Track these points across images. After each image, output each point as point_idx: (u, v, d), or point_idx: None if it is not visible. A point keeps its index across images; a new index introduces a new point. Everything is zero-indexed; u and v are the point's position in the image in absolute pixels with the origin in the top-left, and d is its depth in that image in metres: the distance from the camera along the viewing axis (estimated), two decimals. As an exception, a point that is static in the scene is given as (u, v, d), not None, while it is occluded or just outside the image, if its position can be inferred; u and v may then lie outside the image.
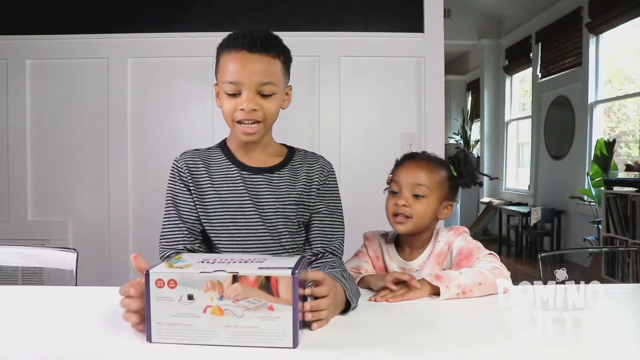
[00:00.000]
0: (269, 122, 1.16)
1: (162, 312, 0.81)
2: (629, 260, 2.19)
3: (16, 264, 1.55)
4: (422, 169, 1.26)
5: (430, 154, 1.33)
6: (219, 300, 0.80)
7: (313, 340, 0.84)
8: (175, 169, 1.20)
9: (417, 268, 1.27)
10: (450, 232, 1.28)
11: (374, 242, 1.34)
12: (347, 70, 2.45)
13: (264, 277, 0.79)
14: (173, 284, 0.80)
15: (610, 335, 0.90)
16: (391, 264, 1.31)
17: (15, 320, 0.97)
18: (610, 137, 4.75)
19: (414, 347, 0.82)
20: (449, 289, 1.08)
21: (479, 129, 7.49)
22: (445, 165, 1.30)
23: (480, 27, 6.96)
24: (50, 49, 2.47)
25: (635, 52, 4.77)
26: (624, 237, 3.83)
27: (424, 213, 1.24)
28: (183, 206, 1.17)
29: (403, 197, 1.24)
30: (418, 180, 1.24)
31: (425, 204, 1.24)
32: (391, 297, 1.06)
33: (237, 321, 0.79)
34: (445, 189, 1.27)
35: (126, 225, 2.48)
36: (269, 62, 1.12)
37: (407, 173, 1.26)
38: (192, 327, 0.80)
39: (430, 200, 1.24)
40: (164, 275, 0.81)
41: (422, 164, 1.27)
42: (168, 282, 0.80)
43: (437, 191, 1.25)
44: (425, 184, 1.24)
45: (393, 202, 1.26)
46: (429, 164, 1.28)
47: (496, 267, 1.15)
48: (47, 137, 2.50)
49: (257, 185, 1.18)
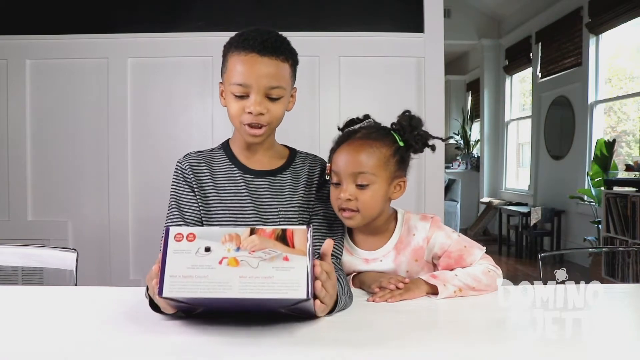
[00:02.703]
0: (274, 124, 1.16)
1: (177, 264, 0.81)
2: (629, 260, 2.19)
3: (16, 264, 1.55)
4: (360, 152, 1.10)
5: (368, 127, 1.16)
6: (236, 252, 0.82)
7: (312, 340, 0.84)
8: (179, 170, 1.20)
9: (382, 259, 1.17)
10: (425, 224, 1.17)
11: None
12: (347, 70, 2.45)
13: (280, 229, 0.83)
14: (192, 238, 0.83)
15: (610, 335, 0.90)
16: (352, 259, 1.19)
17: (15, 320, 0.97)
18: (611, 136, 4.75)
19: (413, 347, 0.82)
20: (446, 288, 1.07)
21: (479, 129, 7.49)
22: (388, 138, 1.14)
23: (480, 27, 6.96)
24: (50, 49, 2.47)
25: (635, 51, 4.77)
26: (624, 237, 3.83)
27: (372, 203, 1.11)
28: (186, 207, 1.17)
29: (345, 190, 1.10)
30: (358, 167, 1.09)
31: (370, 192, 1.10)
32: (390, 297, 1.05)
33: (252, 272, 0.80)
34: (391, 166, 1.12)
35: (126, 225, 2.48)
36: (278, 66, 1.11)
37: (346, 161, 1.11)
38: (206, 279, 0.80)
39: (376, 186, 1.11)
40: (183, 229, 0.84)
41: (360, 146, 1.11)
42: (187, 235, 0.83)
43: (382, 173, 1.11)
44: (367, 170, 1.09)
45: (336, 195, 1.12)
46: (368, 143, 1.11)
47: (490, 269, 1.13)
48: (47, 137, 2.50)
49: (259, 188, 1.18)
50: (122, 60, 2.46)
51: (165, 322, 0.93)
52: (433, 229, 1.17)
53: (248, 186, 1.17)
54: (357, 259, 1.20)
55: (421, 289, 1.08)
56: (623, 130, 5.03)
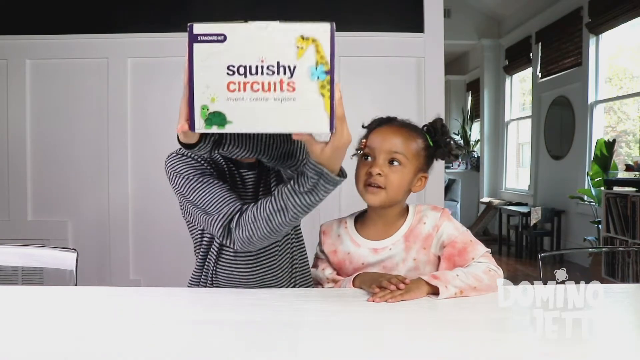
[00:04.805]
0: None
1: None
2: (629, 260, 2.19)
3: (16, 264, 1.55)
4: (399, 135, 1.15)
5: (405, 120, 1.21)
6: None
7: (312, 340, 0.84)
8: (183, 157, 1.16)
9: (391, 247, 1.18)
10: (436, 213, 1.19)
11: (330, 236, 1.24)
12: (347, 70, 2.45)
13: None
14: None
15: (610, 335, 0.90)
16: (359, 250, 1.19)
17: (15, 320, 0.97)
18: (611, 136, 4.74)
19: (413, 347, 0.82)
20: (447, 289, 1.07)
21: (479, 129, 7.49)
22: (422, 134, 1.20)
23: (480, 27, 6.96)
24: (50, 49, 2.47)
25: (635, 51, 4.77)
26: (624, 237, 3.83)
27: (399, 184, 1.14)
28: (212, 177, 1.13)
29: (377, 164, 1.14)
30: (395, 146, 1.14)
31: (400, 173, 1.14)
32: (390, 298, 1.05)
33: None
34: (421, 158, 1.17)
35: (126, 225, 2.48)
36: None
37: (384, 138, 1.15)
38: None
39: (406, 170, 1.15)
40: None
41: (399, 129, 1.17)
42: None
43: (414, 160, 1.15)
44: (402, 151, 1.14)
45: (365, 169, 1.15)
46: (407, 131, 1.17)
47: (491, 269, 1.13)
48: (47, 137, 2.50)
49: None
50: (122, 60, 2.46)
51: (165, 322, 0.93)
52: (443, 219, 1.19)
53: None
54: (364, 250, 1.20)
55: (422, 290, 1.08)
56: (623, 130, 5.03)
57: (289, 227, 1.04)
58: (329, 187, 0.98)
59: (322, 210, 1.84)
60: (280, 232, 1.04)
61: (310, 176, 0.97)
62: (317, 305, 1.08)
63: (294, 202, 1.00)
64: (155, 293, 1.19)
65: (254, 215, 1.03)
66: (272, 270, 1.22)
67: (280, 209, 1.01)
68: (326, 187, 0.98)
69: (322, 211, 1.99)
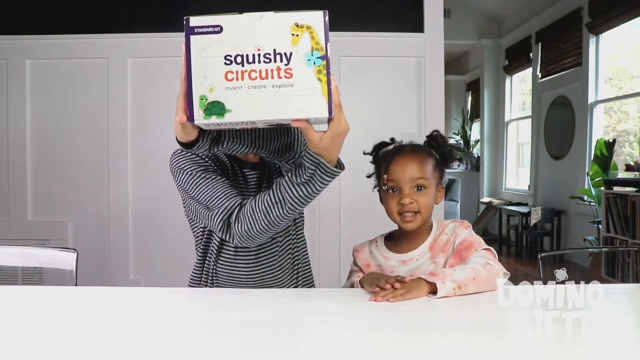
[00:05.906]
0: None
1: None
2: (629, 260, 2.19)
3: (16, 264, 1.55)
4: (415, 162, 1.25)
5: (410, 144, 1.31)
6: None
7: (312, 340, 0.84)
8: (188, 153, 1.17)
9: (417, 257, 1.26)
10: (455, 224, 1.29)
11: (363, 252, 1.33)
12: (347, 70, 2.45)
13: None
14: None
15: (610, 335, 0.90)
16: (388, 263, 1.28)
17: (15, 320, 0.97)
18: (611, 136, 4.74)
19: (413, 347, 0.82)
20: (445, 285, 1.08)
21: (479, 129, 7.49)
22: (429, 151, 1.30)
23: (480, 27, 6.96)
24: (50, 49, 2.47)
25: (635, 51, 4.77)
26: (624, 237, 3.83)
27: (429, 204, 1.25)
28: (215, 173, 1.15)
29: (406, 194, 1.23)
30: (416, 173, 1.24)
31: (427, 195, 1.24)
32: (392, 297, 1.05)
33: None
34: (437, 174, 1.28)
35: (126, 225, 2.48)
36: None
37: (403, 169, 1.25)
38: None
39: (430, 190, 1.25)
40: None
41: (413, 156, 1.27)
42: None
43: (433, 179, 1.26)
44: (423, 175, 1.25)
45: (396, 201, 1.24)
46: (419, 154, 1.28)
47: (489, 263, 1.15)
48: (47, 137, 2.50)
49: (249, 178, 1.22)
50: (122, 60, 2.46)
51: (164, 323, 0.93)
52: (461, 227, 1.28)
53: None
54: (394, 262, 1.28)
55: (422, 289, 1.09)
56: (623, 130, 5.03)
57: (287, 221, 1.05)
58: (326, 178, 0.99)
59: (322, 208, 1.87)
60: (278, 225, 1.05)
61: (308, 166, 0.98)
62: (317, 305, 1.08)
63: (291, 193, 1.00)
64: (155, 293, 1.19)
65: (252, 208, 1.04)
66: (272, 270, 1.22)
67: (278, 201, 1.01)
68: (323, 178, 0.99)
69: (323, 208, 2.02)
